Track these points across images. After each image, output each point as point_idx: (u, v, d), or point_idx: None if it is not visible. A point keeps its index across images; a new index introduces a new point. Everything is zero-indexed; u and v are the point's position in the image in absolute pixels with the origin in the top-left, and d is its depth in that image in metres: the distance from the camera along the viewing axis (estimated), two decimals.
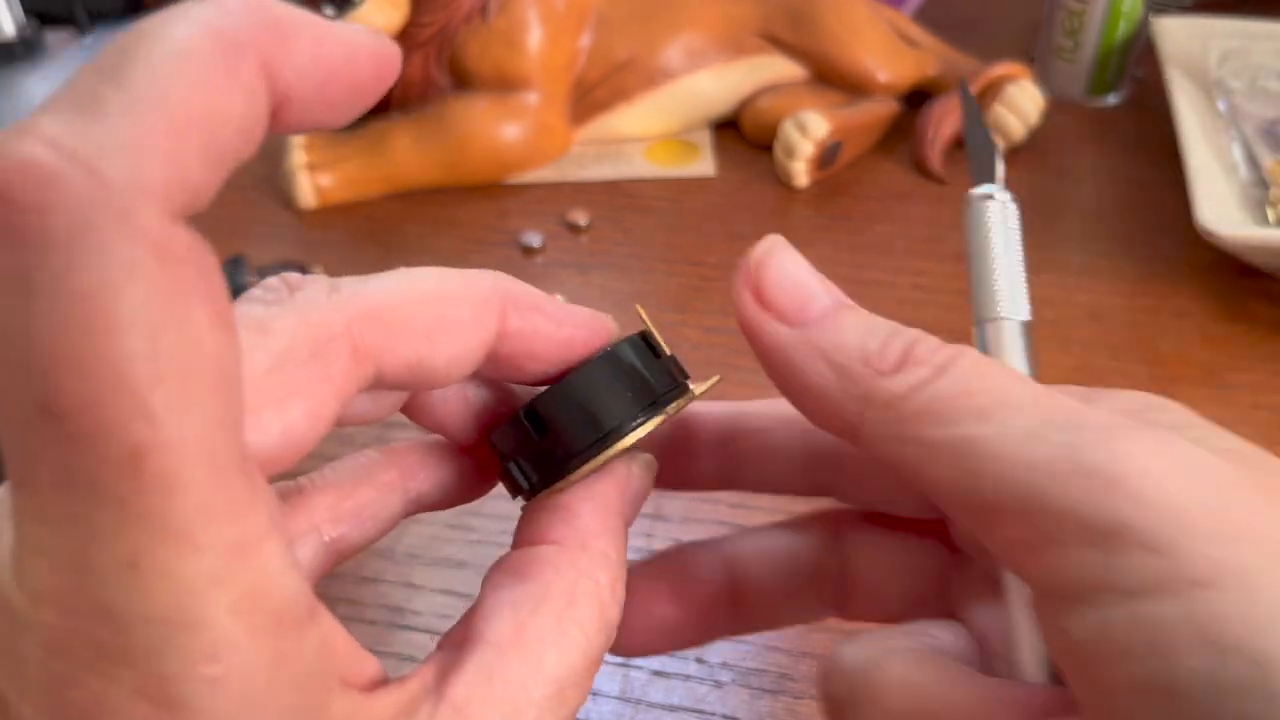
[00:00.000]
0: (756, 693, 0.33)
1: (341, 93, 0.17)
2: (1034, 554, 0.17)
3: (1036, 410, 0.18)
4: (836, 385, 0.20)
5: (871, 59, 0.58)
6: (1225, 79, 0.56)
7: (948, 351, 0.19)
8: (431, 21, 0.55)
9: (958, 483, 0.18)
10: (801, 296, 0.21)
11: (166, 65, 0.13)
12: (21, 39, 0.64)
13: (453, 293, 0.19)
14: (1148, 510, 0.16)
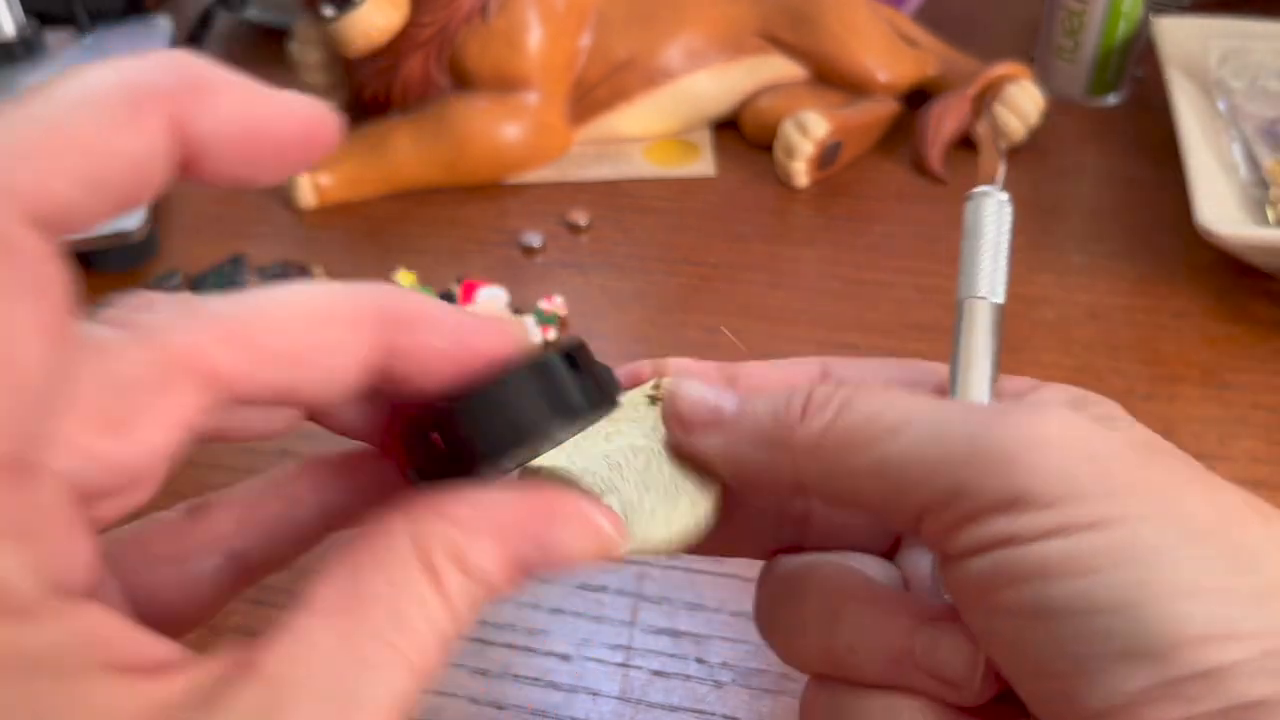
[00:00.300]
0: (757, 693, 0.33)
1: (263, 153, 0.17)
2: (953, 534, 0.20)
3: (936, 414, 0.20)
4: (767, 456, 0.22)
5: (871, 59, 0.58)
6: (1225, 79, 0.56)
7: (844, 391, 0.22)
8: (431, 21, 0.55)
9: (888, 498, 0.20)
10: (709, 407, 0.24)
11: (68, 97, 0.15)
12: (21, 39, 0.64)
13: (320, 313, 0.18)
14: (1041, 476, 0.19)
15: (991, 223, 0.25)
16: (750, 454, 0.23)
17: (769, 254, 0.52)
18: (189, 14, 0.72)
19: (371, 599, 0.17)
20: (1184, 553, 0.18)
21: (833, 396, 0.22)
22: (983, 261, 0.25)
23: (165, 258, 0.53)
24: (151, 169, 0.16)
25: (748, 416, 0.23)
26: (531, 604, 0.37)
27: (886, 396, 0.21)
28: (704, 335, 0.47)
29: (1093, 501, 0.18)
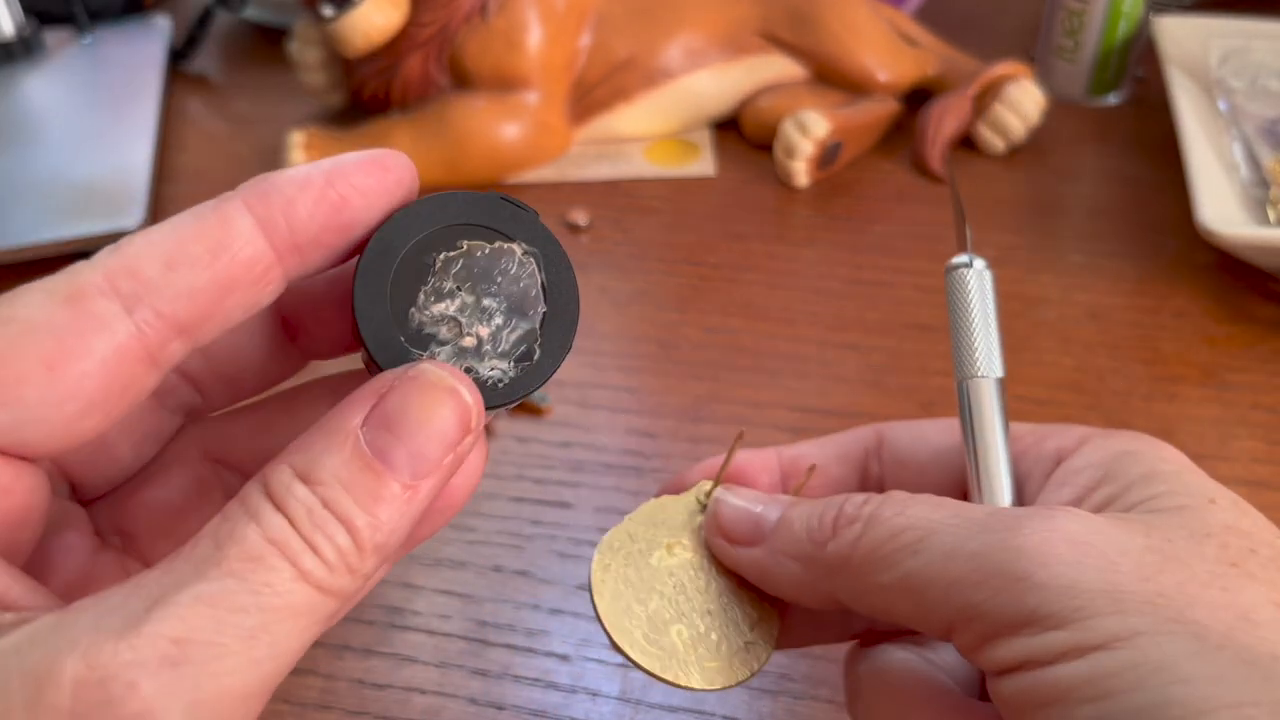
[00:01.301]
0: (756, 693, 0.33)
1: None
2: (979, 651, 0.20)
3: (949, 530, 0.21)
4: (804, 572, 0.23)
5: (872, 58, 0.58)
6: (1226, 78, 0.56)
7: (871, 504, 0.22)
8: (431, 21, 0.55)
9: (916, 614, 0.21)
10: (752, 521, 0.25)
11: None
12: (21, 38, 0.64)
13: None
14: (1051, 595, 0.19)
15: (976, 295, 0.25)
16: (786, 568, 0.24)
17: (769, 254, 0.52)
18: (188, 13, 0.72)
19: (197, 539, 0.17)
20: (1197, 669, 0.18)
21: (861, 510, 0.22)
22: (976, 339, 0.25)
23: None
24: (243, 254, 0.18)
25: (784, 532, 0.24)
26: (531, 604, 0.37)
27: (910, 510, 0.22)
28: (704, 335, 0.47)
29: (1102, 619, 0.18)
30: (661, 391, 0.45)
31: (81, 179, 0.55)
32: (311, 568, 0.17)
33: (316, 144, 0.56)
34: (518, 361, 0.21)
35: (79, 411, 0.18)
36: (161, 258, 0.18)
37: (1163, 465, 0.23)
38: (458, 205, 0.20)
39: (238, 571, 0.16)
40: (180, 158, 0.60)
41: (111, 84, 0.63)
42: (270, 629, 0.16)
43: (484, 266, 0.20)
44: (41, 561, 0.20)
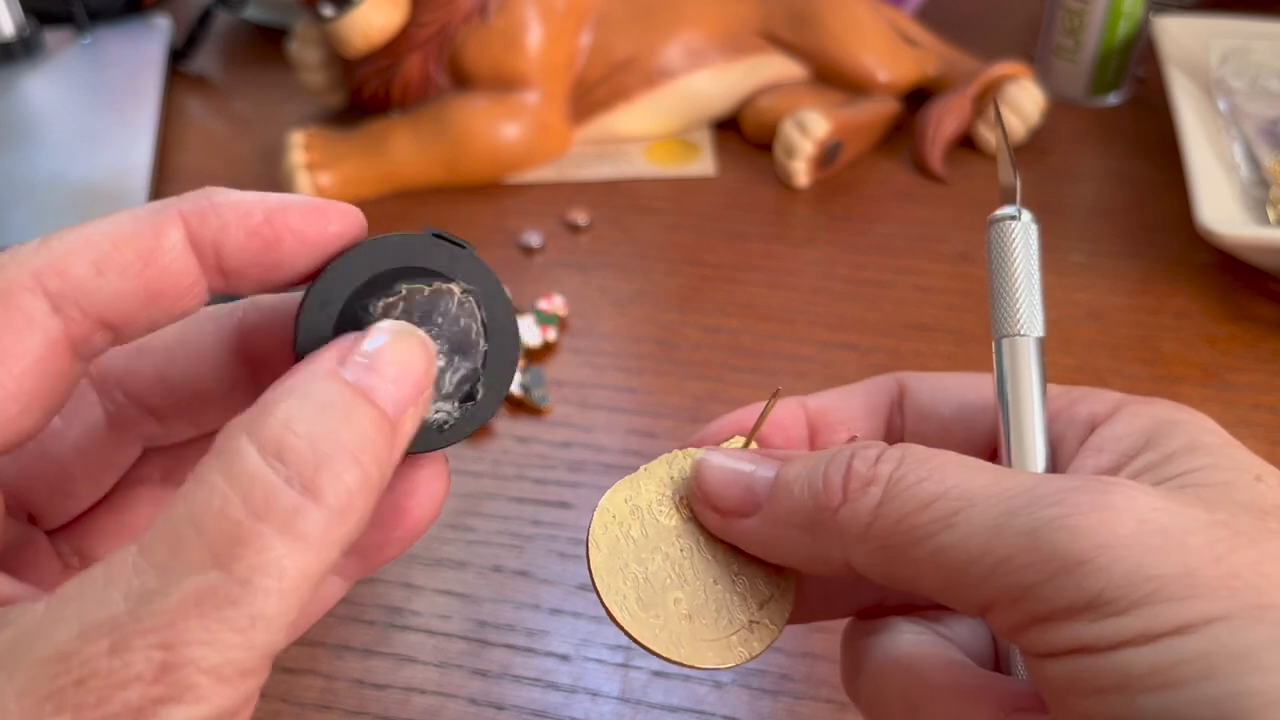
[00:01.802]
0: (756, 693, 0.33)
1: (272, 247, 0.20)
2: (1023, 632, 0.18)
3: (995, 500, 0.19)
4: (812, 542, 0.21)
5: (872, 58, 0.58)
6: (1226, 78, 0.56)
7: (888, 462, 0.20)
8: (431, 21, 0.55)
9: (949, 590, 0.19)
10: (742, 486, 0.22)
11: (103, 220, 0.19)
12: (21, 38, 0.64)
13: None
14: (1117, 579, 0.17)
15: (1020, 249, 0.23)
16: (789, 538, 0.21)
17: (769, 254, 0.52)
18: (188, 13, 0.71)
19: (171, 508, 0.16)
20: (1275, 657, 0.16)
21: (877, 469, 0.20)
22: (1018, 294, 0.23)
23: None
24: (172, 268, 0.18)
25: (782, 497, 0.21)
26: (531, 605, 0.37)
27: (941, 475, 0.20)
28: (704, 335, 0.47)
29: (1174, 604, 0.17)
30: (661, 391, 0.45)
31: (81, 179, 0.55)
32: (310, 527, 0.16)
33: (316, 144, 0.56)
34: (461, 402, 0.21)
35: (20, 410, 0.18)
36: (92, 260, 0.18)
37: (1206, 437, 0.21)
38: (393, 248, 0.20)
39: (221, 557, 0.15)
40: (180, 158, 0.60)
41: (111, 84, 0.63)
42: (265, 612, 0.15)
43: (424, 309, 0.20)
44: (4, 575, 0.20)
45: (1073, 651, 0.18)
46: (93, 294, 0.18)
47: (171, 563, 0.15)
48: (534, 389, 0.44)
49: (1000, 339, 0.24)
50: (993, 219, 0.24)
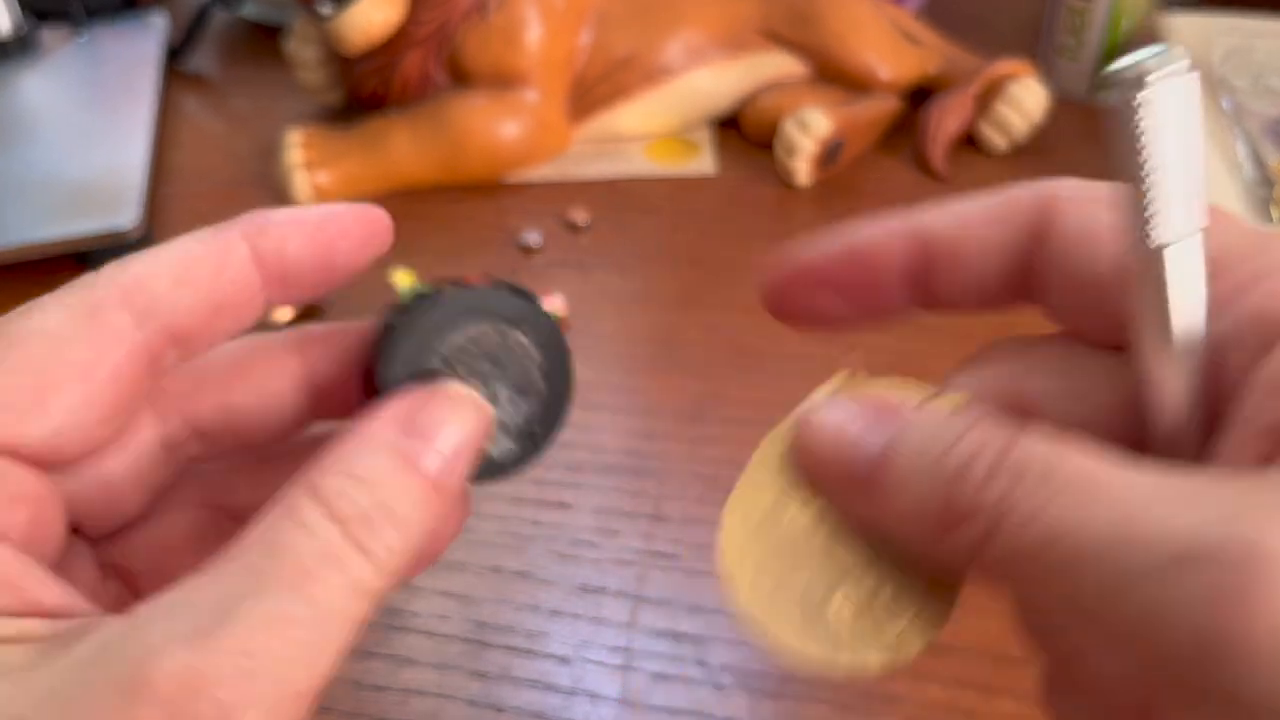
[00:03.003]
0: (758, 696, 0.33)
1: (326, 256, 0.23)
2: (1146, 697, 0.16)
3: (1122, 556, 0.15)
4: (926, 549, 0.18)
5: (873, 56, 0.58)
6: (1229, 77, 0.56)
7: (994, 486, 0.17)
8: (430, 18, 0.54)
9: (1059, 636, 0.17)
10: (846, 465, 0.19)
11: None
12: (18, 36, 0.64)
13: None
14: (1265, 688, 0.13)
15: (1176, 114, 0.16)
16: (910, 534, 0.18)
17: (769, 253, 0.52)
18: (185, 11, 0.71)
19: (245, 546, 0.18)
20: None
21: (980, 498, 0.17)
22: (1173, 179, 0.16)
23: None
24: (238, 280, 0.20)
25: (894, 496, 0.18)
26: (530, 606, 0.36)
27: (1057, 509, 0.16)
28: (704, 335, 0.47)
29: None
30: (661, 391, 0.44)
31: (77, 178, 0.54)
32: (361, 574, 0.18)
33: (314, 142, 0.56)
34: (519, 439, 0.23)
35: (101, 419, 0.19)
36: (170, 276, 0.20)
37: None
38: (466, 296, 0.23)
39: (295, 584, 0.17)
40: (177, 156, 0.60)
41: (108, 82, 0.63)
42: (326, 636, 0.17)
43: (492, 353, 0.23)
44: None
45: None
46: (170, 308, 0.20)
47: (245, 587, 0.17)
48: None
49: (1140, 244, 0.17)
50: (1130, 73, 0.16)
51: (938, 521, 0.17)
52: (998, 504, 0.16)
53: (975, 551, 0.17)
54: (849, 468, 0.19)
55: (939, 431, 0.18)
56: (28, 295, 0.46)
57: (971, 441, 0.17)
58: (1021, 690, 0.33)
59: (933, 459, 0.18)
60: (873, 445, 0.19)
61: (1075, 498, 0.16)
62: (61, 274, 0.51)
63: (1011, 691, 0.33)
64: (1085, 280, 0.20)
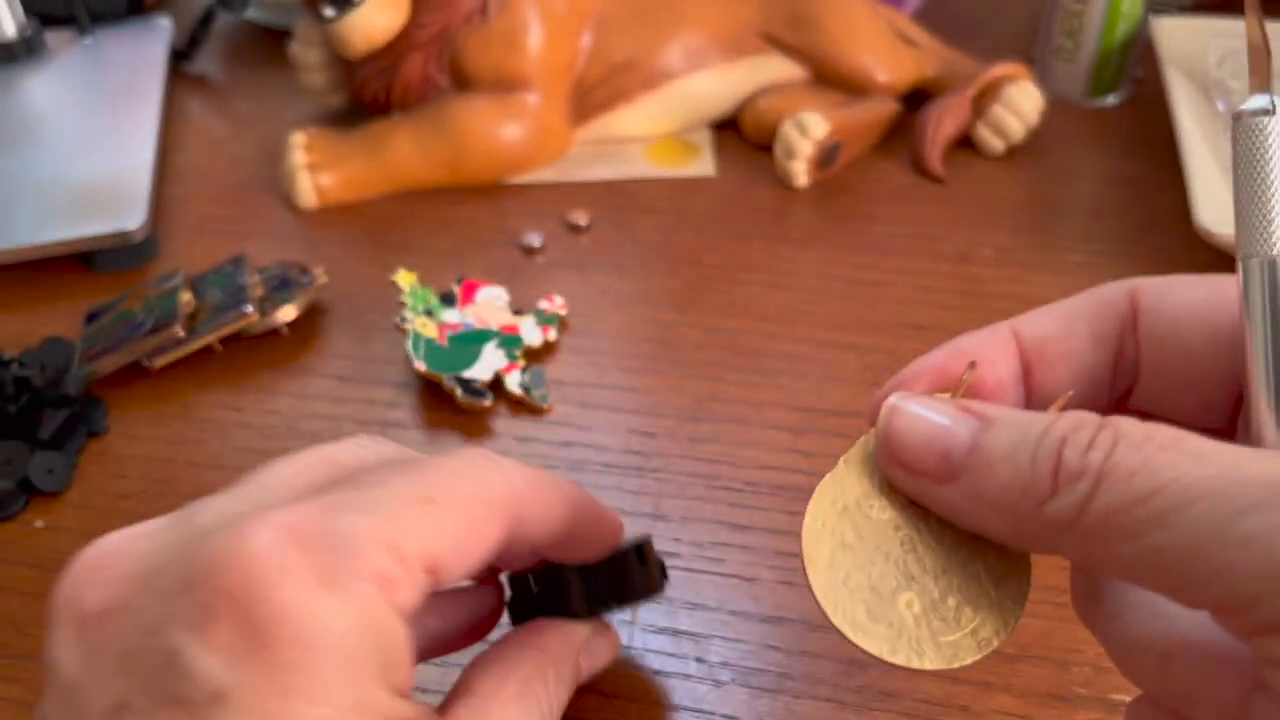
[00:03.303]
0: (755, 692, 0.34)
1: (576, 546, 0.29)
2: (1249, 638, 0.17)
3: (1213, 501, 0.17)
4: (1014, 528, 0.20)
5: (871, 59, 0.58)
6: (1224, 79, 0.57)
7: (1099, 448, 0.18)
8: (431, 22, 0.55)
9: (1162, 587, 0.18)
10: (937, 449, 0.21)
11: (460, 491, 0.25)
12: (22, 39, 0.64)
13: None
14: None
15: (1277, 149, 0.20)
16: (993, 518, 0.20)
17: (769, 254, 0.52)
18: (189, 14, 0.72)
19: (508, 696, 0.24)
20: None
21: (1088, 459, 0.18)
22: (1274, 202, 0.20)
23: (166, 258, 0.53)
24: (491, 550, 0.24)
25: (984, 476, 0.20)
26: None
27: (1155, 465, 0.17)
28: (704, 335, 0.48)
29: None
30: (661, 391, 0.45)
31: (83, 180, 0.55)
32: None
33: (317, 144, 0.56)
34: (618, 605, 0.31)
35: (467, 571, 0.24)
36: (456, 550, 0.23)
37: None
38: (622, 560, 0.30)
39: None
40: (181, 158, 0.61)
41: (113, 85, 0.63)
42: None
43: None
44: None
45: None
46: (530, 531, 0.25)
47: None
48: (534, 389, 0.44)
49: (1247, 259, 0.20)
50: (1239, 113, 0.20)
51: (1038, 491, 0.19)
52: (1103, 464, 0.18)
53: (1078, 513, 0.18)
54: (942, 449, 0.20)
55: (1032, 418, 0.19)
56: (33, 296, 0.47)
57: (1068, 421, 0.19)
58: (1018, 687, 0.33)
59: (1034, 436, 0.19)
60: (964, 435, 0.20)
61: (1177, 454, 0.17)
62: (67, 275, 0.52)
63: (1007, 688, 0.33)
64: (1177, 349, 0.22)
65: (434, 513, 0.22)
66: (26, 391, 0.43)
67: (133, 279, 0.51)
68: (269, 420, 0.44)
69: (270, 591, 0.19)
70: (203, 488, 0.44)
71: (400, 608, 0.21)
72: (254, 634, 0.19)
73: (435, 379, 0.44)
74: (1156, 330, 0.22)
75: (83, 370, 0.44)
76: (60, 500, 0.41)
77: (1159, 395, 0.23)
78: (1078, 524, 0.18)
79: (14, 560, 0.39)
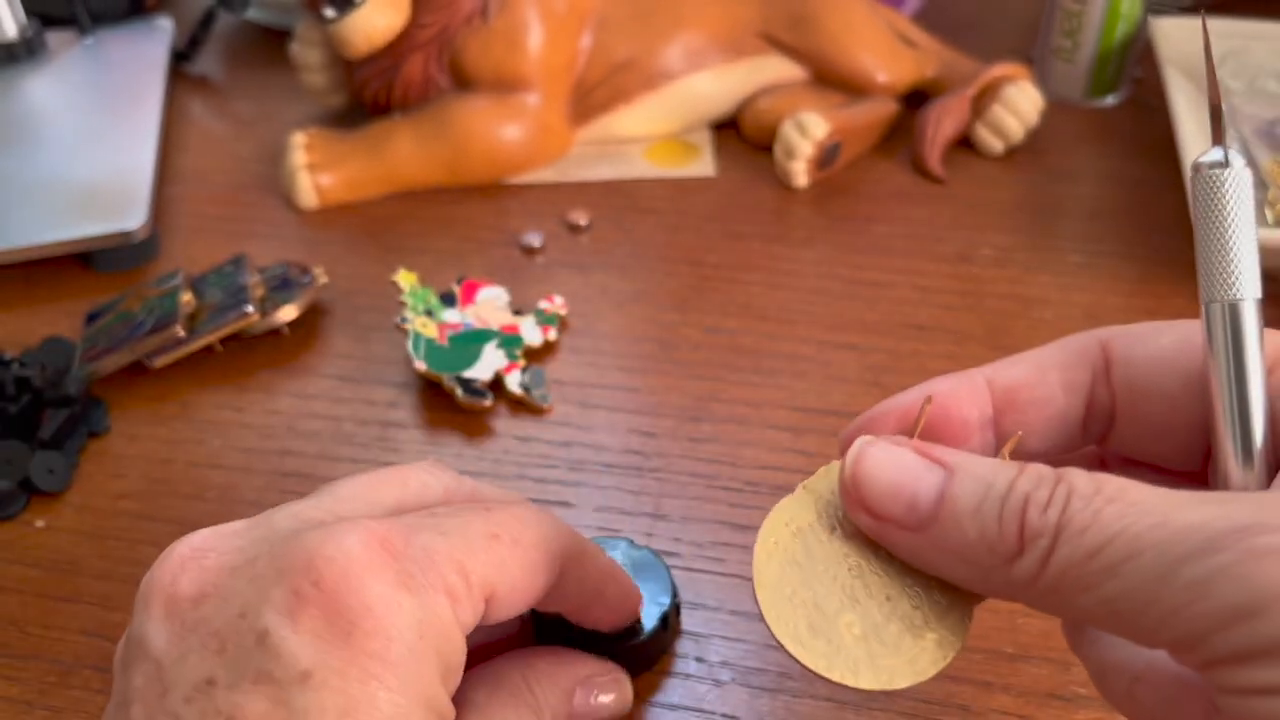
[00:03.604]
0: (755, 691, 0.34)
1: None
2: (1207, 673, 0.18)
3: (1160, 549, 0.18)
4: (979, 576, 0.20)
5: (871, 60, 0.58)
6: (1224, 80, 0.57)
7: (1054, 506, 0.19)
8: (432, 22, 0.55)
9: (1121, 632, 0.19)
10: (903, 499, 0.21)
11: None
12: (23, 40, 0.64)
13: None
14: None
15: (1234, 200, 0.21)
16: (958, 569, 0.21)
17: (769, 254, 0.52)
18: (190, 15, 0.72)
19: (502, 703, 0.27)
20: None
21: (1046, 513, 0.19)
22: (1233, 252, 0.21)
23: (167, 258, 0.53)
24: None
25: (951, 529, 0.20)
26: None
27: (1105, 520, 0.18)
28: (704, 335, 0.48)
29: None
30: (661, 391, 0.45)
31: (84, 180, 0.55)
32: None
33: (318, 145, 0.56)
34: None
35: None
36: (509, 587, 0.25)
37: None
38: None
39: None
40: (182, 158, 0.61)
41: (114, 85, 0.63)
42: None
43: None
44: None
45: (1254, 692, 0.17)
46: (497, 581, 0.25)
47: None
48: (534, 388, 0.44)
49: (1210, 304, 0.21)
50: (1197, 165, 0.21)
51: (1006, 549, 0.20)
52: (1059, 520, 0.19)
53: (1039, 570, 0.19)
54: (908, 498, 0.21)
55: (995, 474, 0.20)
56: (33, 295, 0.47)
57: (1029, 477, 0.20)
58: (1018, 686, 0.33)
59: (999, 492, 0.20)
60: (930, 486, 0.21)
61: (1123, 506, 0.19)
62: (67, 275, 0.52)
63: (1007, 688, 0.33)
64: (1150, 396, 0.23)
65: (499, 549, 0.24)
66: (27, 391, 0.43)
67: (133, 279, 0.51)
68: (269, 420, 0.44)
69: (359, 585, 0.21)
70: (203, 487, 0.44)
71: (462, 623, 0.23)
72: (341, 622, 0.21)
73: (435, 379, 0.44)
74: (1129, 378, 0.23)
75: (83, 370, 0.45)
76: (60, 500, 0.41)
77: (1135, 440, 0.24)
78: (1039, 579, 0.19)
79: (14, 560, 0.39)
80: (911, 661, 0.21)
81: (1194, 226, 0.21)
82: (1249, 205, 0.21)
